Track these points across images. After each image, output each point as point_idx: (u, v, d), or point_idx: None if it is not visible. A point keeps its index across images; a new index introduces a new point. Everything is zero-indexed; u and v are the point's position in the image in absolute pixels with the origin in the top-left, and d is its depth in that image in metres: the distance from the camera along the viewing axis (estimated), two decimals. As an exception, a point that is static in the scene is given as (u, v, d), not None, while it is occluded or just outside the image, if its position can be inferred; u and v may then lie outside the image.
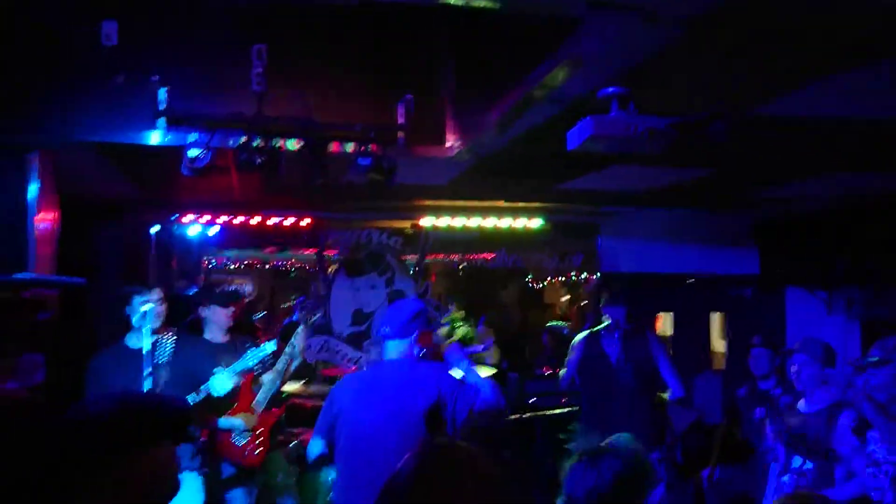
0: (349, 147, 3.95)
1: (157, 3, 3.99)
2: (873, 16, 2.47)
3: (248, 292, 13.98)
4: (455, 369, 3.88)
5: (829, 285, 6.60)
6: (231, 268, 11.60)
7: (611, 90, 3.13)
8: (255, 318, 8.52)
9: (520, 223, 7.66)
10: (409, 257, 8.35)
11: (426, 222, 7.59)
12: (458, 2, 3.02)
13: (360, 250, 8.03)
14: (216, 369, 4.38)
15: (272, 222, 7.37)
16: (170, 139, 3.93)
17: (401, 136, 3.97)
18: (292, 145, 3.85)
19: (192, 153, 3.60)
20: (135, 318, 4.22)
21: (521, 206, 6.98)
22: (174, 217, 7.22)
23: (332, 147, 3.88)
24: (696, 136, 3.15)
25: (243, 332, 5.21)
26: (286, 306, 12.03)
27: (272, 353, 4.63)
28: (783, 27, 2.58)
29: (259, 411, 4.64)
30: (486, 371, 6.69)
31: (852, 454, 3.92)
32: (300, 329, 5.01)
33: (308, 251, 9.03)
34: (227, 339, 4.84)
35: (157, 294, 4.35)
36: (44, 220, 4.26)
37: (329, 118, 3.88)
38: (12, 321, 3.90)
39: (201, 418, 4.37)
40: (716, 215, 7.07)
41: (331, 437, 3.74)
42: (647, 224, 7.47)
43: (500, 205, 6.95)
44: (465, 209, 7.26)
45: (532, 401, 6.85)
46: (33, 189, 4.12)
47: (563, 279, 12.52)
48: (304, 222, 7.50)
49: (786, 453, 4.24)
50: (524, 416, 6.70)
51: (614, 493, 2.23)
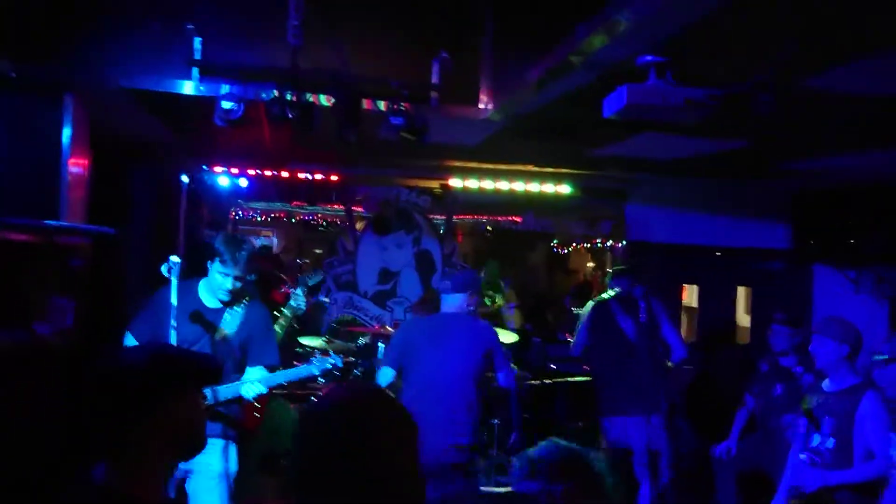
0: (382, 105, 3.93)
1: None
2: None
3: (274, 244, 14.14)
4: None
5: (858, 262, 6.49)
6: (258, 220, 11.69)
7: (649, 58, 3.06)
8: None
9: (548, 188, 7.60)
10: (438, 217, 8.35)
11: (455, 182, 7.56)
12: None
13: (389, 208, 8.03)
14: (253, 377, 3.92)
15: (302, 176, 7.39)
16: (203, 90, 3.92)
17: (434, 95, 3.94)
18: (325, 101, 3.83)
19: (226, 104, 3.59)
20: (163, 268, 3.81)
21: (549, 170, 6.92)
22: (205, 167, 7.26)
23: (365, 104, 3.86)
24: (739, 107, 3.08)
25: (270, 285, 5.16)
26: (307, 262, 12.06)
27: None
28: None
29: None
30: (508, 336, 6.72)
31: (873, 435, 3.90)
32: (299, 290, 4.86)
33: (336, 206, 9.05)
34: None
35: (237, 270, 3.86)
36: (76, 165, 4.27)
37: (363, 74, 3.85)
38: (44, 266, 3.92)
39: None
40: (748, 186, 6.94)
41: (399, 366, 4.50)
42: (678, 193, 7.37)
43: (529, 168, 6.89)
44: (493, 172, 7.22)
45: (553, 367, 6.88)
46: (67, 133, 4.12)
47: (587, 245, 12.50)
48: (334, 178, 7.51)
49: (805, 431, 4.22)
50: (545, 381, 6.74)
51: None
